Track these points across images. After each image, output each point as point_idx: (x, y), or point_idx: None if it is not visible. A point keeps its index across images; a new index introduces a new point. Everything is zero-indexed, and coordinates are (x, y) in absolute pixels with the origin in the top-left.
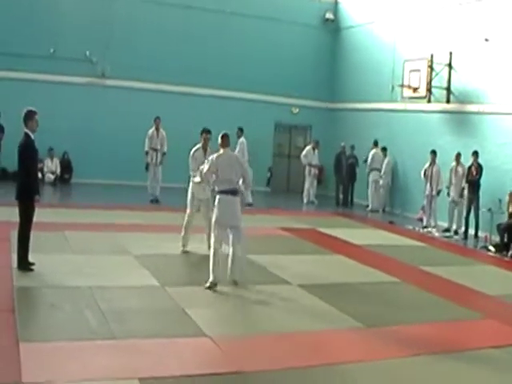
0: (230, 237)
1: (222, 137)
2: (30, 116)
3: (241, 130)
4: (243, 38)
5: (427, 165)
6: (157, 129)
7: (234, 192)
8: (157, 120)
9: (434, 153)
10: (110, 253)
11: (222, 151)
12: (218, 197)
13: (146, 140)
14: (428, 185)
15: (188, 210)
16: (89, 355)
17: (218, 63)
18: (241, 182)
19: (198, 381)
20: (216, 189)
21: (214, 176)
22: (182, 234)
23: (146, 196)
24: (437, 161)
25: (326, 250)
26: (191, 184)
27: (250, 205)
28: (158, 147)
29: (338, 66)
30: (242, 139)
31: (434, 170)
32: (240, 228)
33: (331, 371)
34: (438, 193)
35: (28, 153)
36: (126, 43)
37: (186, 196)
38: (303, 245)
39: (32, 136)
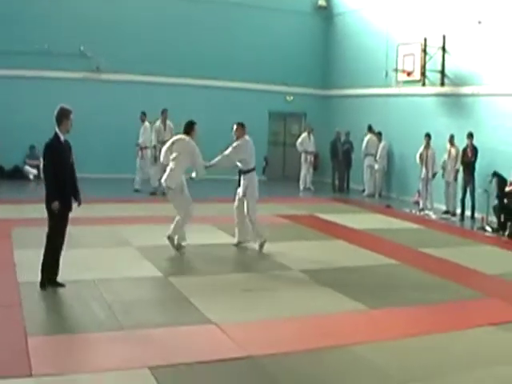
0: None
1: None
2: (65, 114)
3: (144, 114)
4: (236, 28)
5: (422, 148)
6: (164, 121)
7: None
8: (164, 112)
9: (428, 136)
10: (112, 246)
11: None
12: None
13: (153, 133)
14: (423, 168)
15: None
16: (97, 346)
17: (211, 53)
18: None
19: (208, 367)
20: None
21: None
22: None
23: (148, 188)
24: (431, 144)
25: (326, 235)
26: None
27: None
28: (166, 139)
29: (331, 52)
30: (146, 123)
31: (429, 153)
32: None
33: (341, 352)
34: (434, 175)
35: (52, 154)
36: (120, 36)
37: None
38: (303, 231)
39: (62, 137)
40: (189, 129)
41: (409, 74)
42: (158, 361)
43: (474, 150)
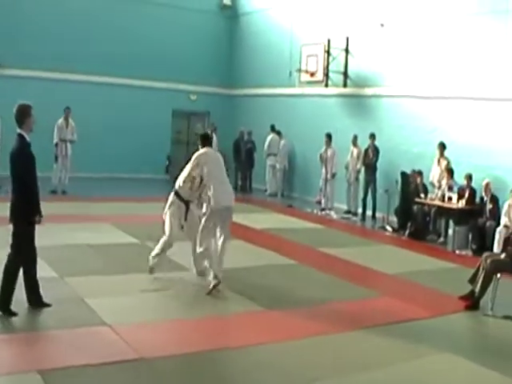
0: None
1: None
2: (27, 112)
3: None
4: (142, 26)
5: (323, 148)
6: (66, 119)
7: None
8: (66, 110)
9: (328, 136)
10: (7, 246)
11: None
12: None
13: (55, 131)
14: (324, 168)
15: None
16: None
17: (116, 51)
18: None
19: (99, 370)
20: None
21: None
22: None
23: (50, 187)
24: (332, 144)
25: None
26: None
27: None
28: (68, 138)
29: (236, 52)
30: None
31: (329, 153)
32: None
33: (237, 353)
34: (333, 176)
35: (23, 161)
36: (24, 31)
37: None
38: None
39: (28, 138)
40: (208, 141)
41: (312, 74)
42: (49, 364)
43: (376, 150)
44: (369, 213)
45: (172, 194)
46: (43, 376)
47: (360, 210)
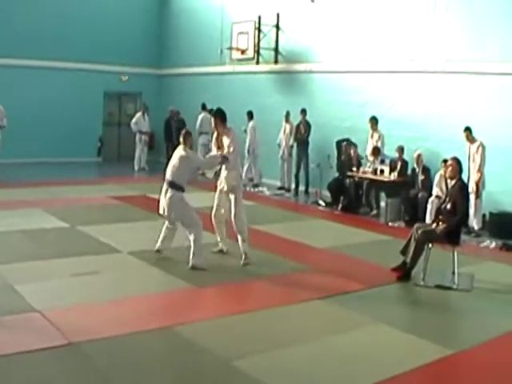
0: None
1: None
2: None
3: None
4: (69, 6)
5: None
6: None
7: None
8: None
9: (249, 114)
10: None
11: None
12: None
13: None
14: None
15: None
16: None
17: (43, 33)
18: None
19: (28, 357)
20: None
21: None
22: None
23: None
24: (252, 121)
25: (156, 216)
26: None
27: None
28: None
29: (166, 31)
30: None
31: (250, 129)
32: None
33: (166, 334)
34: (247, 151)
35: None
36: None
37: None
38: (133, 212)
39: None
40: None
41: (243, 52)
42: None
43: (307, 125)
44: (302, 188)
45: (170, 190)
46: None
47: (293, 186)
